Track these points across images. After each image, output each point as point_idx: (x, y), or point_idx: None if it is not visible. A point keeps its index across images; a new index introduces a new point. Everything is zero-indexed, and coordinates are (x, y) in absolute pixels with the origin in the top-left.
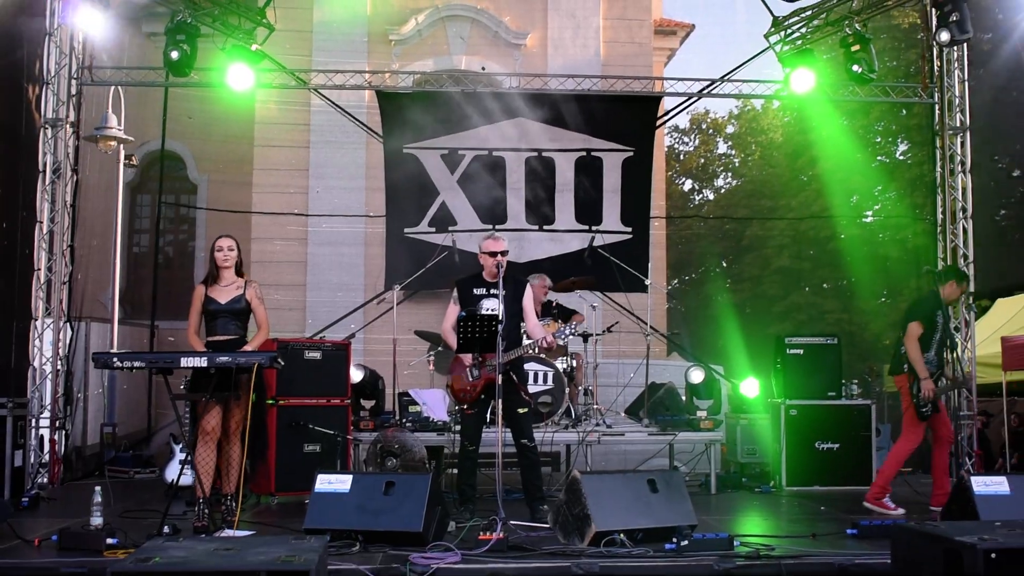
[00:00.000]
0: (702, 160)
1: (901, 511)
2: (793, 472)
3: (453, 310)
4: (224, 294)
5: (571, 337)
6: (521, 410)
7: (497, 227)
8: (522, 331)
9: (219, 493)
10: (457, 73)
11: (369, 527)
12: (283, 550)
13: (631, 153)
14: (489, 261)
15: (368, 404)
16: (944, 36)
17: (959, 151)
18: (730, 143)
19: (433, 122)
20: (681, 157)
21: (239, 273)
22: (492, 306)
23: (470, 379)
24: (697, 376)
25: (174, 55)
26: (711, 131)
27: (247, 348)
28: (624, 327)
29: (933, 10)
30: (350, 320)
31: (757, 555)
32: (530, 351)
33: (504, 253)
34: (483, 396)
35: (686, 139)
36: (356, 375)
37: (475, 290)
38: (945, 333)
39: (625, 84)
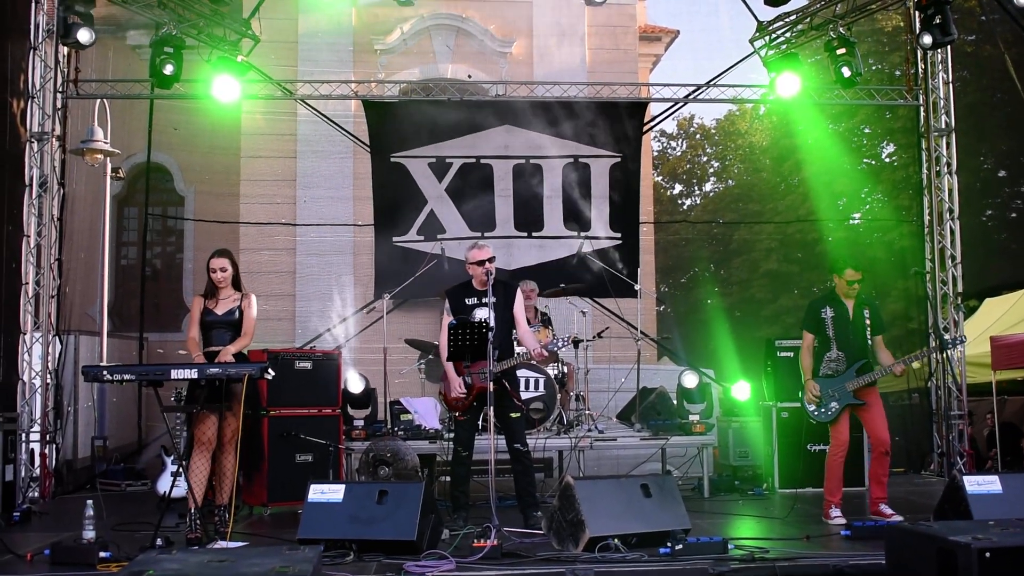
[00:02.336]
0: (688, 165)
1: (841, 521)
2: (786, 474)
3: (447, 321)
4: (222, 306)
5: (564, 348)
6: (514, 415)
7: (486, 234)
8: (514, 338)
9: (212, 504)
10: (443, 82)
11: (363, 536)
12: (277, 561)
13: (619, 159)
14: (478, 271)
15: (360, 414)
16: (927, 39)
17: (944, 152)
18: (714, 148)
19: (420, 131)
20: (669, 159)
21: (237, 287)
22: (483, 315)
23: (462, 391)
24: (691, 380)
25: (168, 69)
26: (699, 135)
27: (227, 350)
28: (614, 332)
29: (916, 13)
30: (339, 330)
31: (751, 558)
32: (521, 359)
33: (491, 260)
34: (475, 403)
35: (673, 143)
36: (357, 385)
37: (466, 300)
38: (845, 323)
39: (611, 90)
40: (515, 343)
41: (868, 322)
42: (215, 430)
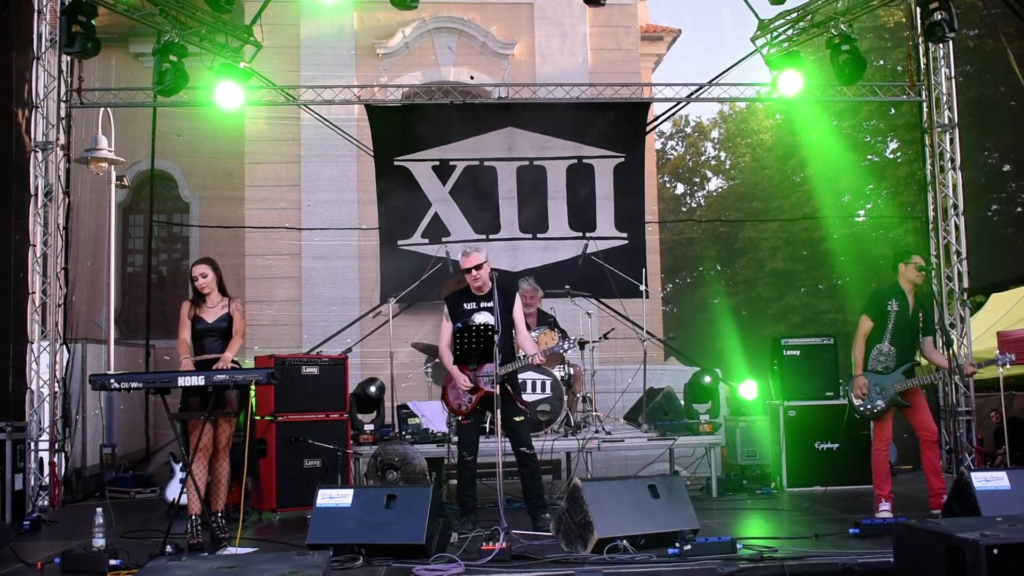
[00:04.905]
0: (690, 163)
1: (888, 514)
2: (793, 473)
3: (447, 326)
4: (211, 314)
5: (570, 350)
6: (517, 419)
7: (490, 237)
8: (515, 342)
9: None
10: (446, 84)
11: (372, 541)
12: (287, 566)
13: (622, 159)
14: (468, 277)
15: (367, 418)
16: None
17: (948, 148)
18: (718, 147)
19: (423, 134)
20: (670, 158)
21: (224, 293)
22: (483, 320)
23: (466, 403)
24: (708, 378)
25: (170, 78)
26: (697, 134)
27: (225, 355)
28: (620, 333)
29: (918, 9)
30: (346, 334)
31: (760, 557)
32: (522, 363)
33: (479, 267)
34: (478, 408)
35: (672, 143)
36: (373, 388)
37: (465, 304)
38: (904, 321)
39: (614, 91)
40: (516, 347)
41: (921, 324)
42: (210, 436)
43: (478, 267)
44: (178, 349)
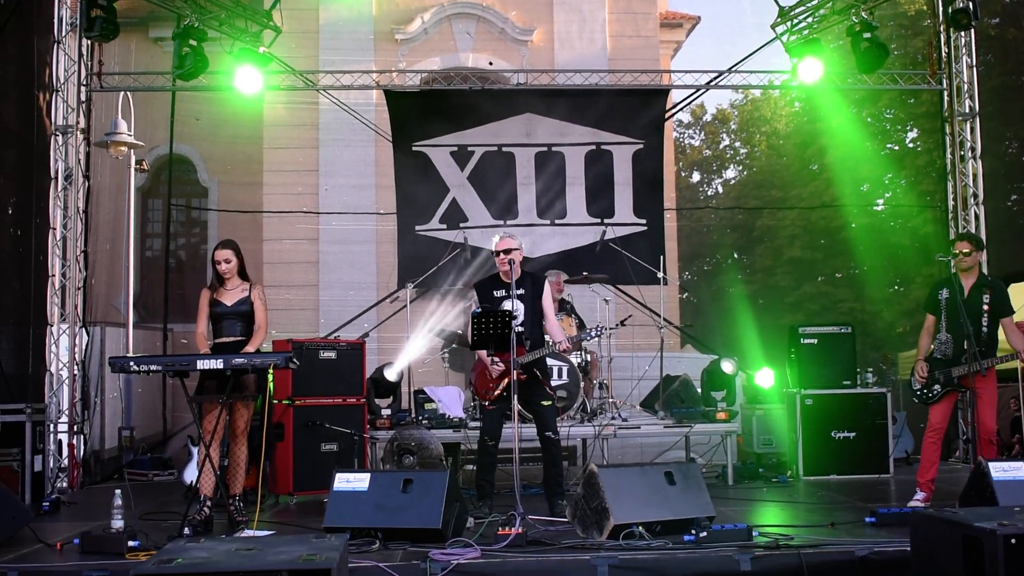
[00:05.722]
0: (707, 152)
1: (919, 504)
2: (810, 462)
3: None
4: (230, 297)
5: (595, 339)
6: (545, 403)
7: (508, 222)
8: (543, 330)
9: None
10: (464, 70)
11: (388, 524)
12: (304, 549)
13: (640, 146)
14: (498, 260)
15: (383, 403)
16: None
17: (968, 137)
18: (733, 136)
19: (441, 120)
20: (687, 151)
21: (244, 277)
22: (511, 307)
23: (494, 389)
24: (729, 367)
25: (189, 62)
26: (717, 121)
27: (248, 349)
28: (638, 320)
29: None
30: (363, 319)
31: (776, 545)
32: (548, 350)
33: (508, 252)
34: (504, 393)
35: (691, 132)
36: (393, 375)
37: (495, 292)
38: (957, 308)
39: (633, 78)
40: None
41: (987, 306)
42: (225, 420)
43: (507, 251)
44: (196, 341)
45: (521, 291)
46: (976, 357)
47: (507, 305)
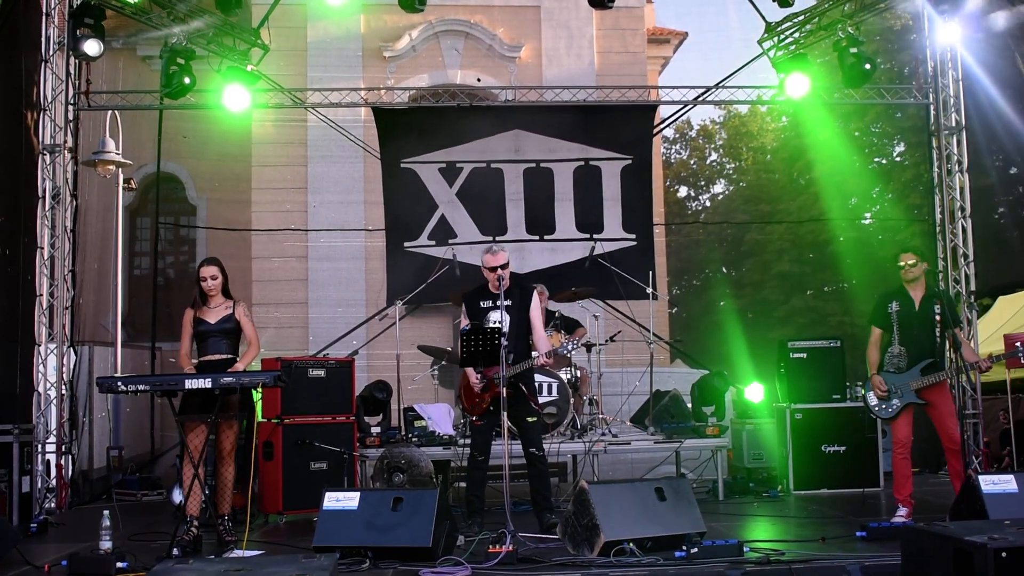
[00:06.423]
0: (694, 166)
1: (901, 520)
2: (800, 476)
3: (464, 325)
4: (213, 315)
5: (574, 351)
6: (530, 419)
7: (497, 238)
8: (530, 341)
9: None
10: (453, 87)
11: (378, 543)
12: (293, 569)
13: (629, 161)
14: (490, 276)
15: (373, 420)
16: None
17: (955, 151)
18: (720, 152)
19: (430, 136)
20: (673, 164)
21: (227, 295)
22: (497, 318)
23: (480, 381)
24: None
25: (187, 80)
26: (702, 138)
27: (238, 366)
28: (627, 335)
29: (926, 11)
30: (352, 336)
31: (767, 560)
32: (529, 364)
33: (503, 267)
34: (491, 408)
35: (676, 147)
36: (383, 392)
37: (481, 303)
38: (909, 319)
39: (620, 93)
40: (531, 346)
41: (938, 317)
42: (203, 439)
43: (503, 267)
44: (180, 363)
45: (508, 302)
46: (951, 367)
47: (492, 315)
